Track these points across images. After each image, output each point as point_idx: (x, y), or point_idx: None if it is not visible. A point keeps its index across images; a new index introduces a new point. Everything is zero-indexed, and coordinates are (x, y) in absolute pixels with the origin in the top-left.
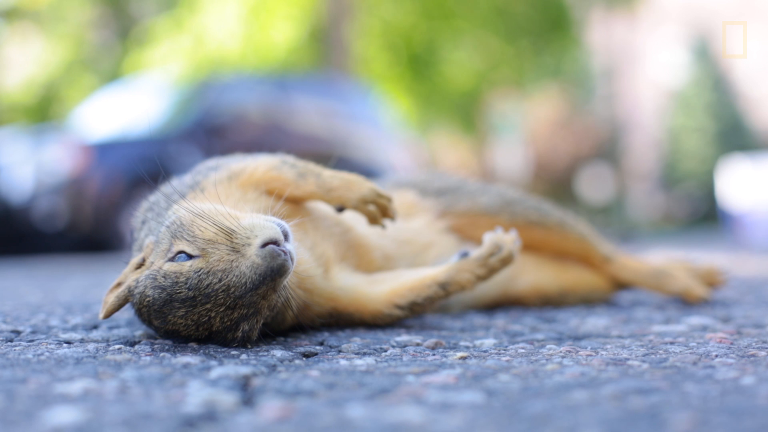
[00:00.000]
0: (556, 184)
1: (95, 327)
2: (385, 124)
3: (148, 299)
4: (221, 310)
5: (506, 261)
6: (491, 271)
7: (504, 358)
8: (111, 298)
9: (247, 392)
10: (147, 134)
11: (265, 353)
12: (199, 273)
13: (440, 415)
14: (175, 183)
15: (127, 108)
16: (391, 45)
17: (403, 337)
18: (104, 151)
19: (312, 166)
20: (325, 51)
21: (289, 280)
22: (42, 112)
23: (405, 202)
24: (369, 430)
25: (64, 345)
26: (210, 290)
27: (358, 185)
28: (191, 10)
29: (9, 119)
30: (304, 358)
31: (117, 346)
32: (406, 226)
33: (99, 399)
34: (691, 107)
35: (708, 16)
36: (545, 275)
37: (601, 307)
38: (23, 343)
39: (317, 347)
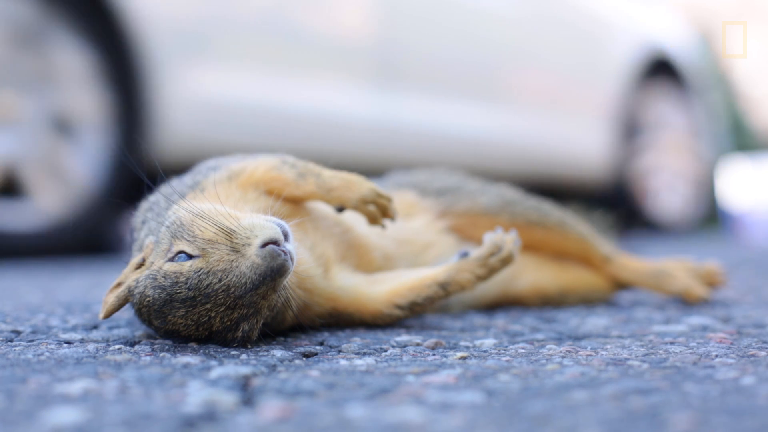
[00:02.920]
0: None
1: (95, 327)
2: None
3: (148, 299)
4: (221, 310)
5: (506, 261)
6: (491, 271)
7: (504, 358)
8: (111, 298)
9: (247, 392)
10: None
11: (265, 353)
12: (199, 273)
13: (440, 415)
14: (175, 183)
15: None
16: None
17: (403, 337)
18: None
19: (312, 166)
20: None
21: (289, 280)
22: None
23: (405, 202)
24: (369, 430)
25: (64, 345)
26: (210, 290)
27: (358, 185)
28: None
29: None
30: (304, 358)
31: (117, 346)
32: (406, 226)
33: (99, 399)
34: None
35: (708, 16)
36: (545, 275)
37: (601, 307)
38: (23, 343)
39: (317, 347)
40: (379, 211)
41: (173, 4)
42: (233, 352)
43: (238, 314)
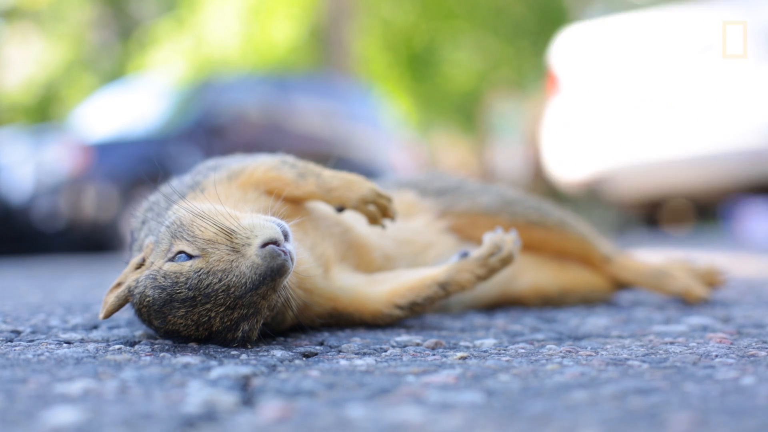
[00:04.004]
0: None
1: (95, 327)
2: (385, 124)
3: (148, 299)
4: (221, 310)
5: (506, 261)
6: (491, 271)
7: (504, 358)
8: (111, 298)
9: (247, 392)
10: (147, 134)
11: (265, 353)
12: (199, 273)
13: (440, 415)
14: (175, 183)
15: (127, 108)
16: (391, 45)
17: (403, 337)
18: (104, 151)
19: (312, 166)
20: (325, 51)
21: (289, 280)
22: (42, 112)
23: (405, 202)
24: (369, 430)
25: (64, 345)
26: (210, 290)
27: (358, 185)
28: (191, 10)
29: (9, 119)
30: (304, 358)
31: (117, 346)
32: (406, 226)
33: (99, 399)
34: None
35: None
36: (545, 275)
37: (601, 307)
38: (23, 343)
39: (317, 347)
40: (379, 211)
41: None
42: (233, 352)
43: (238, 314)
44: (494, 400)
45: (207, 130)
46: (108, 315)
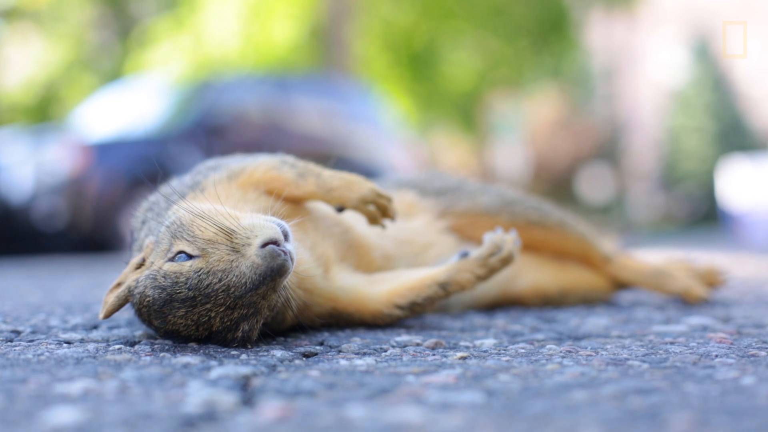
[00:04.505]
0: (556, 184)
1: (95, 327)
2: (385, 124)
3: (148, 299)
4: (221, 310)
5: (506, 261)
6: (491, 271)
7: (504, 358)
8: (111, 298)
9: (247, 392)
10: (147, 134)
11: (265, 353)
12: (199, 273)
13: (440, 415)
14: (175, 183)
15: (127, 108)
16: (391, 45)
17: (403, 337)
18: (104, 151)
19: (312, 166)
20: (325, 51)
21: (289, 280)
22: (42, 112)
23: (405, 202)
24: (369, 430)
25: (64, 345)
26: (210, 290)
27: (358, 185)
28: (191, 9)
29: (9, 119)
30: (304, 358)
31: (117, 346)
32: (406, 226)
33: (99, 399)
34: (691, 107)
35: (708, 16)
36: (545, 275)
37: (601, 307)
38: (23, 343)
39: (317, 347)
40: (379, 211)
41: None
42: (233, 352)
43: (238, 314)
44: (494, 400)
45: (207, 130)
46: (108, 315)
